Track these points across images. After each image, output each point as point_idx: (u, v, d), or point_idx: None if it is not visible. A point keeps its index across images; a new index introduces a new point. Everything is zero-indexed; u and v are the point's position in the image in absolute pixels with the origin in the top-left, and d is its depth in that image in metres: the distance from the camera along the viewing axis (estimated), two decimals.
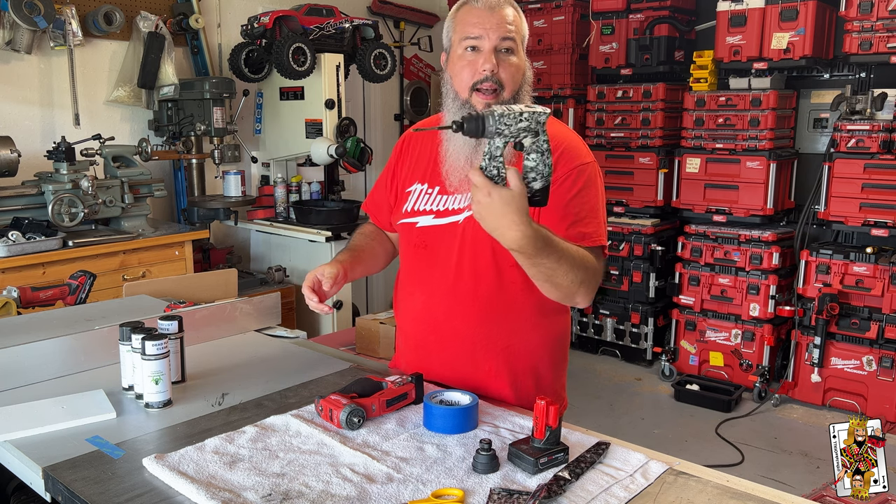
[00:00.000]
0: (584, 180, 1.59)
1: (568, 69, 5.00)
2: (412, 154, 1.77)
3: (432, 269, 1.68)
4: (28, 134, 3.61)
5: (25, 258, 2.98)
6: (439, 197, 1.68)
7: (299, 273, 4.15)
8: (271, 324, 2.20)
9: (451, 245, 1.65)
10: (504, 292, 1.64)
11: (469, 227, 1.61)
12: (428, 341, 1.71)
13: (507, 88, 1.59)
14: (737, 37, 4.18)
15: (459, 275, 1.64)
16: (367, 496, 1.21)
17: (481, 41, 1.57)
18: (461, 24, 1.60)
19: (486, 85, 1.57)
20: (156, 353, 1.53)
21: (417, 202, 1.71)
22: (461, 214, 1.64)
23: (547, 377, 1.74)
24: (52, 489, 1.29)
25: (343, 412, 1.43)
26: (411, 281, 1.75)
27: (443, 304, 1.67)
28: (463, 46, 1.59)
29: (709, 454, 3.55)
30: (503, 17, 1.58)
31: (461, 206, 1.64)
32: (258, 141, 4.45)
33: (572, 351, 5.02)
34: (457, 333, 1.66)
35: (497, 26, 1.56)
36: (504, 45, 1.57)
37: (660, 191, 4.62)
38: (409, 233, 1.73)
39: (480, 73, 1.57)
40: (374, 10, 5.12)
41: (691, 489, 1.25)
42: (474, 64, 1.58)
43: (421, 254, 1.71)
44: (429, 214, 1.68)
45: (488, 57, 1.56)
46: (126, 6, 3.86)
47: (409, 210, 1.72)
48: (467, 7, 1.61)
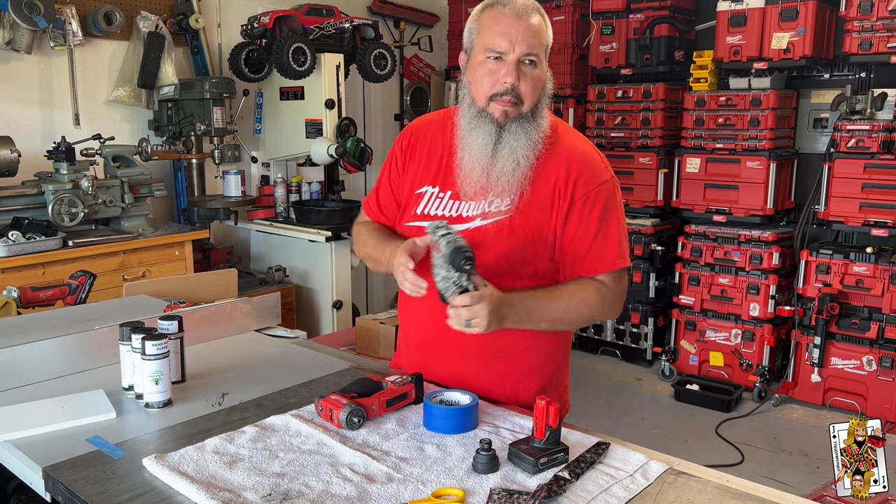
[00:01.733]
0: (604, 202, 1.59)
1: (568, 69, 5.00)
2: (421, 152, 1.70)
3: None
4: (28, 134, 3.61)
5: (25, 258, 2.98)
6: (451, 202, 1.63)
7: (299, 273, 4.15)
8: (271, 324, 2.20)
9: None
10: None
11: (479, 234, 1.60)
12: (432, 343, 1.70)
13: (527, 102, 1.55)
14: (737, 37, 4.18)
15: None
16: (367, 496, 1.21)
17: (505, 54, 1.52)
18: (486, 32, 1.54)
19: (505, 97, 1.53)
20: (156, 353, 1.53)
21: (429, 206, 1.65)
22: (473, 222, 1.60)
23: (551, 381, 1.73)
24: (52, 489, 1.29)
25: (343, 412, 1.43)
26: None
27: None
28: (485, 55, 1.54)
29: (709, 454, 3.55)
30: (530, 28, 1.52)
31: (473, 214, 1.61)
32: (258, 141, 4.45)
33: (572, 351, 5.02)
34: (462, 337, 1.58)
35: (523, 38, 1.51)
36: (528, 57, 1.53)
37: (660, 191, 4.62)
38: (418, 237, 1.68)
39: (501, 84, 1.53)
40: (374, 10, 5.12)
41: (691, 489, 1.25)
42: (495, 73, 1.53)
43: (428, 257, 1.68)
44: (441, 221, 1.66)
45: (510, 69, 1.51)
46: (126, 6, 3.86)
47: (421, 213, 1.66)
48: (493, 12, 1.55)
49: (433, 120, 1.74)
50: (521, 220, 1.58)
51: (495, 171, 1.56)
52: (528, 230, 1.59)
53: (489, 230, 1.59)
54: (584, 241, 1.59)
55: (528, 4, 1.55)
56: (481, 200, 1.60)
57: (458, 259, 1.40)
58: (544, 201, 1.59)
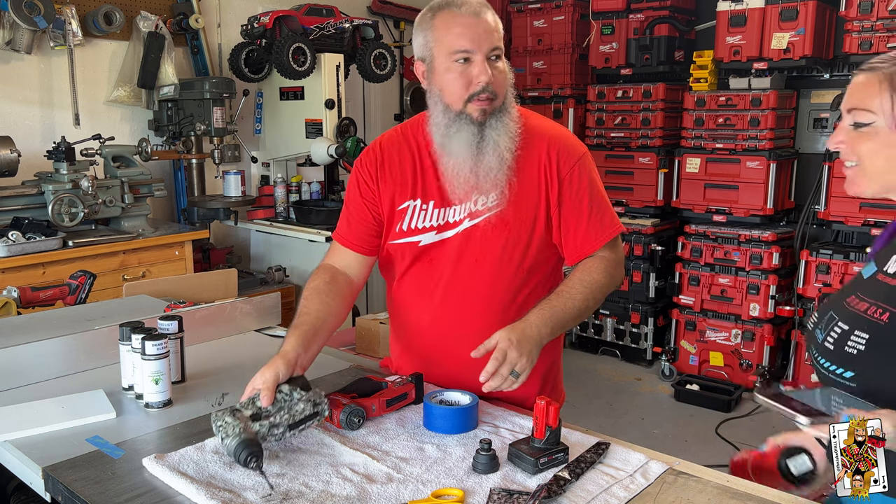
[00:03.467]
0: (588, 173, 1.64)
1: (568, 69, 5.00)
2: (392, 170, 1.67)
3: (438, 282, 1.65)
4: (28, 134, 3.61)
5: (25, 258, 2.98)
6: (436, 211, 1.63)
7: (299, 273, 4.15)
8: (271, 324, 2.20)
9: (457, 257, 1.63)
10: (516, 297, 1.64)
11: (474, 237, 1.61)
12: (434, 353, 1.68)
13: (501, 96, 1.57)
14: (737, 37, 4.18)
15: (469, 285, 1.63)
16: (367, 496, 1.21)
17: (473, 53, 1.52)
18: (447, 36, 1.53)
19: (483, 95, 1.54)
20: (156, 353, 1.53)
21: (415, 219, 1.64)
22: (461, 226, 1.62)
23: (549, 373, 1.75)
24: (52, 489, 1.29)
25: (343, 412, 1.43)
26: (415, 295, 1.70)
27: (454, 313, 1.65)
28: (452, 59, 1.53)
29: (709, 454, 3.54)
30: (489, 24, 1.54)
31: (461, 217, 1.62)
32: (258, 141, 4.45)
33: (573, 351, 5.05)
34: (469, 340, 1.51)
35: (486, 35, 1.52)
36: (494, 53, 1.54)
37: (660, 191, 4.62)
38: (409, 251, 1.66)
39: (476, 84, 1.53)
40: (374, 10, 5.12)
41: (691, 489, 1.25)
42: (467, 75, 1.53)
43: (426, 269, 1.66)
44: (430, 231, 1.64)
45: (483, 68, 1.52)
46: (126, 6, 3.85)
47: (408, 229, 1.65)
48: (449, 14, 1.54)
49: (394, 137, 1.72)
50: (513, 210, 1.60)
51: (483, 168, 1.58)
52: (521, 219, 1.61)
53: (481, 228, 1.61)
54: (582, 215, 1.62)
55: (480, 1, 1.57)
56: (466, 202, 1.61)
57: (243, 455, 1.25)
58: (531, 187, 1.62)
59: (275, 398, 1.35)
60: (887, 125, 1.15)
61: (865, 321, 1.18)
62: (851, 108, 1.19)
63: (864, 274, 1.28)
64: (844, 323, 1.22)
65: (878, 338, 1.15)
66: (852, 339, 1.18)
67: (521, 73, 5.20)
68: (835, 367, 1.20)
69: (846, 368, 1.18)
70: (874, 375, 1.15)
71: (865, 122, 1.18)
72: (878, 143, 1.16)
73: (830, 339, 1.22)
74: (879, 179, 1.19)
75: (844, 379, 1.18)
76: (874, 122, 1.17)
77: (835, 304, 1.28)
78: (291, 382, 1.40)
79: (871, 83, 1.17)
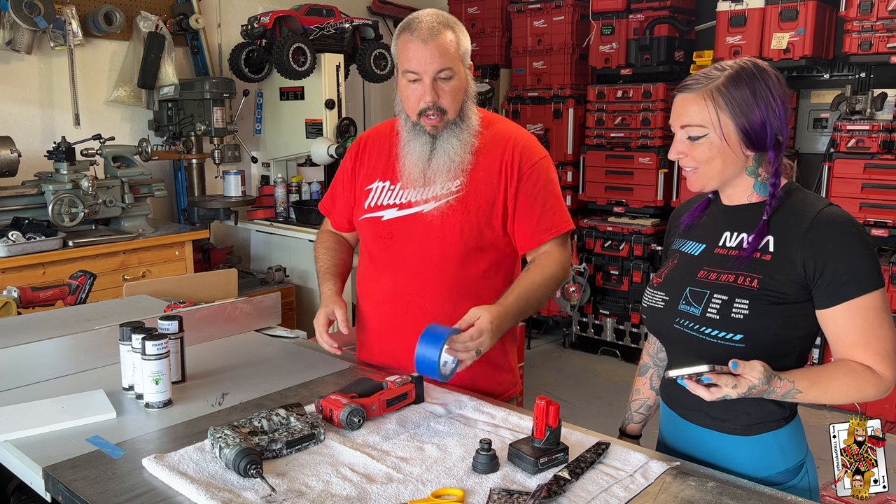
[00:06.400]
0: (545, 173, 1.78)
1: (568, 69, 5.00)
2: (369, 156, 1.87)
3: (401, 255, 1.77)
4: (28, 134, 3.61)
5: (25, 258, 2.98)
6: (400, 191, 1.78)
7: (299, 273, 4.15)
8: (271, 324, 2.20)
9: (417, 233, 1.75)
10: (468, 274, 1.75)
11: (436, 215, 1.72)
12: (395, 320, 1.79)
13: (451, 111, 1.70)
14: (737, 37, 4.18)
15: (429, 258, 1.75)
16: (367, 496, 1.21)
17: (420, 76, 1.65)
18: (402, 57, 1.67)
19: (430, 112, 1.68)
20: (156, 353, 1.53)
21: (380, 197, 1.80)
22: (425, 205, 1.74)
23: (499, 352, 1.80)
24: (52, 489, 1.29)
25: (343, 412, 1.43)
26: (378, 268, 1.83)
27: (412, 284, 1.76)
28: (405, 77, 1.67)
29: None
30: (438, 48, 1.63)
31: (423, 198, 1.74)
32: (258, 141, 4.45)
33: (573, 351, 5.05)
34: (424, 311, 1.73)
35: (432, 60, 1.63)
36: (441, 74, 1.65)
37: (660, 191, 4.61)
38: (374, 226, 1.81)
39: (423, 103, 1.67)
40: (374, 10, 5.12)
41: (691, 489, 1.25)
42: (416, 94, 1.67)
43: (388, 244, 1.79)
44: (392, 207, 1.78)
45: (427, 90, 1.65)
46: (126, 6, 3.86)
47: (373, 205, 1.81)
48: (405, 38, 1.66)
49: (380, 130, 1.90)
50: (472, 197, 1.73)
51: (431, 171, 1.73)
52: (479, 205, 1.73)
53: (441, 209, 1.73)
54: (535, 210, 1.75)
55: (436, 23, 1.66)
56: (431, 186, 1.74)
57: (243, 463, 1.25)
58: (492, 178, 1.75)
59: (273, 420, 1.39)
60: (718, 135, 1.35)
61: (740, 290, 1.35)
62: (685, 125, 1.38)
63: (692, 251, 1.47)
64: (722, 294, 1.36)
65: (756, 302, 1.33)
66: (735, 306, 1.34)
67: (521, 73, 5.20)
68: (724, 332, 1.34)
69: (735, 332, 1.33)
70: (757, 334, 1.32)
71: (699, 136, 1.37)
72: (713, 150, 1.37)
73: (713, 310, 1.36)
74: (719, 176, 1.40)
75: (734, 342, 1.33)
76: (707, 134, 1.36)
77: (685, 282, 1.43)
78: (288, 408, 1.44)
79: (698, 101, 1.36)
